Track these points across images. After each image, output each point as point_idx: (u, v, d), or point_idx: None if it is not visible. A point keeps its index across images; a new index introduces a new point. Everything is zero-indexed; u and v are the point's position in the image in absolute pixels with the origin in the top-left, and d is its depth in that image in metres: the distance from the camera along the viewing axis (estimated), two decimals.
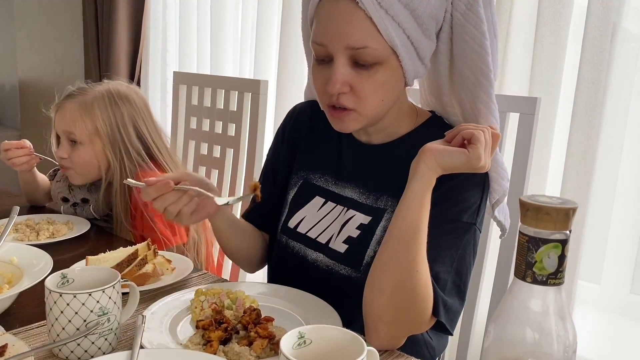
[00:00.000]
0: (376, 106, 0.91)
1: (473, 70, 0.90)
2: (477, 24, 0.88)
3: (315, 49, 0.90)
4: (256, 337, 0.80)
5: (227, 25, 2.26)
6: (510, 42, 1.47)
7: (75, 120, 1.41)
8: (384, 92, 0.90)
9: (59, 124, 1.45)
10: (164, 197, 0.91)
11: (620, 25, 1.30)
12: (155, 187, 0.91)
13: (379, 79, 0.88)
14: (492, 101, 0.91)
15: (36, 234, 1.29)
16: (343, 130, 0.94)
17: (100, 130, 1.41)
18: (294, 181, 1.09)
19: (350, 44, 0.86)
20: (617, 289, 1.49)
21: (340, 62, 0.87)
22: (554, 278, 0.54)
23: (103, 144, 1.42)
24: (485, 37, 0.88)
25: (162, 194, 0.91)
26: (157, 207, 0.92)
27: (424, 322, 0.86)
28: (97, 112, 1.41)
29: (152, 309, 0.91)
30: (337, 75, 0.87)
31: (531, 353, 0.55)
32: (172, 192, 0.91)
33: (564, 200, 0.54)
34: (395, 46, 0.86)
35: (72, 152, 1.43)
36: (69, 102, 1.44)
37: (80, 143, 1.42)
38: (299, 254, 1.04)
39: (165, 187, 0.90)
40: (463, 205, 0.90)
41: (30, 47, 3.53)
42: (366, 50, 0.86)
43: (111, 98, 1.43)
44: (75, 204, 1.52)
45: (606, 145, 1.37)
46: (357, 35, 0.85)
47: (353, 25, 0.85)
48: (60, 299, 0.77)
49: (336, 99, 0.90)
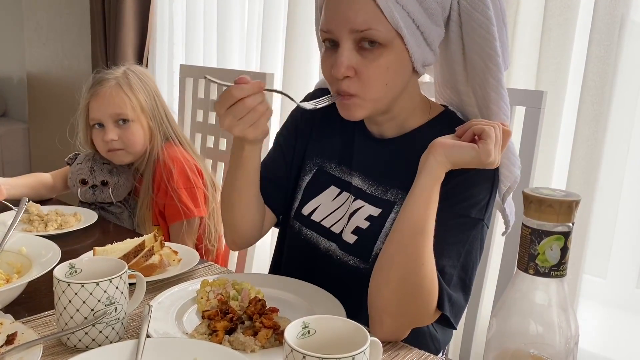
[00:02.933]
0: (380, 90, 0.90)
1: (481, 56, 0.90)
2: (483, 10, 0.88)
3: (322, 36, 0.91)
4: (261, 327, 0.81)
5: (234, 18, 2.26)
6: (517, 35, 1.47)
7: (123, 98, 1.47)
8: (389, 75, 0.90)
9: (101, 109, 1.49)
10: (255, 96, 0.86)
11: (629, 17, 1.29)
12: (251, 85, 0.86)
13: (384, 62, 0.88)
14: (502, 86, 0.91)
15: (44, 225, 1.31)
16: (349, 118, 0.94)
17: (144, 105, 1.49)
18: (309, 167, 1.08)
19: (354, 27, 0.86)
20: (623, 283, 1.48)
21: (345, 47, 0.88)
22: (557, 270, 0.54)
23: (147, 118, 1.50)
24: (492, 23, 0.89)
25: (254, 93, 0.86)
26: (249, 103, 0.86)
27: (428, 315, 0.86)
28: (136, 88, 1.49)
29: (159, 299, 0.92)
30: (342, 58, 0.88)
31: (533, 344, 0.55)
32: (261, 94, 0.87)
33: (567, 193, 0.54)
34: (400, 28, 0.86)
35: (122, 133, 1.49)
36: (105, 86, 1.49)
37: (131, 121, 1.48)
38: (312, 242, 1.05)
39: (259, 86, 0.87)
40: (472, 200, 0.90)
41: (38, 40, 3.55)
42: (370, 32, 0.86)
43: (138, 75, 1.52)
44: (94, 186, 1.54)
45: (613, 139, 1.36)
46: (360, 17, 0.86)
47: (357, 8, 0.86)
48: (68, 288, 0.78)
49: (340, 84, 0.90)
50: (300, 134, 1.11)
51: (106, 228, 1.39)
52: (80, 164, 1.58)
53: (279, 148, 1.13)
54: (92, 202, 1.57)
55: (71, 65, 3.33)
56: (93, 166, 1.56)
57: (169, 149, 1.52)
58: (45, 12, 3.45)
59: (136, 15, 2.60)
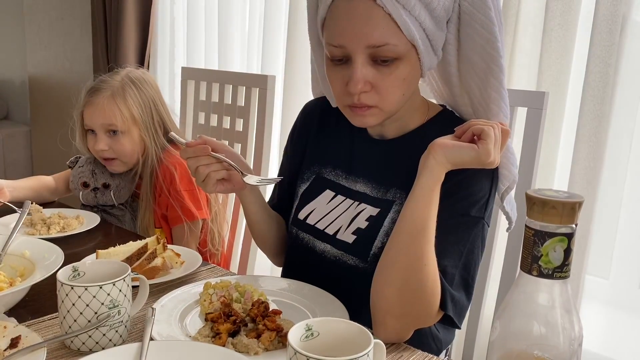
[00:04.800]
0: (397, 101, 0.91)
1: (483, 57, 0.90)
2: (486, 12, 0.88)
3: (332, 50, 0.89)
4: (264, 330, 0.81)
5: (235, 20, 2.26)
6: (519, 36, 1.47)
7: (113, 110, 1.46)
8: (405, 86, 0.90)
9: (93, 118, 1.49)
10: (199, 158, 0.98)
11: (630, 17, 1.29)
12: (194, 149, 0.98)
13: (400, 74, 0.88)
14: (503, 87, 0.91)
15: (47, 228, 1.31)
16: (363, 126, 0.95)
17: (136, 117, 1.49)
18: (307, 176, 1.10)
19: (371, 43, 0.85)
20: (625, 284, 1.48)
21: (360, 62, 0.87)
22: (560, 272, 0.54)
23: (140, 129, 1.49)
24: (494, 24, 0.89)
25: (197, 156, 0.98)
26: (190, 165, 0.99)
27: (431, 316, 0.86)
28: (129, 99, 1.48)
29: (162, 302, 0.92)
30: (358, 75, 0.87)
31: (537, 345, 0.55)
32: (207, 157, 0.98)
33: (570, 194, 0.54)
34: (415, 40, 0.86)
35: (113, 143, 1.49)
36: (99, 96, 1.48)
37: (121, 132, 1.48)
38: (308, 245, 1.05)
39: (202, 150, 0.97)
40: (471, 199, 0.90)
41: (39, 43, 3.56)
42: (387, 47, 0.86)
43: (135, 83, 1.51)
44: (96, 189, 1.55)
45: (615, 140, 1.36)
46: (377, 33, 0.85)
47: (372, 23, 0.85)
48: (71, 291, 0.78)
49: (357, 98, 0.89)
50: (299, 143, 1.15)
51: (108, 231, 1.39)
52: (82, 167, 1.59)
53: (287, 161, 1.18)
54: (94, 204, 1.58)
55: (72, 67, 3.33)
56: (94, 169, 1.56)
57: (168, 155, 1.52)
58: (46, 14, 3.45)
59: (137, 17, 2.61)
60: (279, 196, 1.19)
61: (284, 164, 1.20)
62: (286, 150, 1.20)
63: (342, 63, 0.90)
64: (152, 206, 1.52)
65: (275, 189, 1.21)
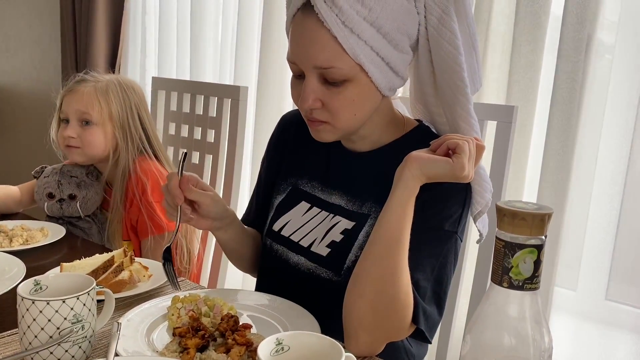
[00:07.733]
0: (348, 119, 0.92)
1: (450, 87, 0.91)
2: (451, 40, 0.89)
3: (289, 65, 0.93)
4: (234, 344, 0.80)
5: (207, 30, 2.25)
6: (488, 51, 1.49)
7: (92, 101, 1.49)
8: (355, 107, 0.91)
9: (72, 105, 1.50)
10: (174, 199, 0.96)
11: (595, 36, 1.33)
12: (175, 192, 0.95)
13: (349, 95, 0.89)
14: (471, 116, 0.92)
15: (9, 241, 1.27)
16: (320, 140, 0.96)
17: (113, 114, 1.50)
18: (283, 187, 1.09)
19: (317, 64, 0.87)
20: (592, 295, 1.51)
21: (310, 80, 0.89)
22: (530, 283, 0.55)
23: (114, 127, 1.51)
24: (459, 53, 0.89)
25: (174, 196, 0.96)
26: (166, 198, 0.98)
27: (403, 329, 0.86)
28: (111, 97, 1.51)
29: (128, 316, 0.89)
30: (308, 92, 0.89)
31: (508, 357, 0.55)
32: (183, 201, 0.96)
33: (540, 206, 0.55)
34: (363, 63, 0.87)
35: (82, 132, 1.50)
36: (83, 85, 1.51)
37: (94, 124, 1.49)
38: (282, 257, 1.04)
39: (179, 198, 0.95)
40: (445, 213, 0.91)
41: (6, 51, 3.48)
42: (333, 70, 0.87)
43: (122, 86, 1.54)
44: (62, 200, 1.51)
45: (582, 153, 1.39)
46: (322, 56, 0.86)
47: (319, 45, 0.86)
48: (32, 306, 0.75)
49: (309, 113, 0.91)
50: (275, 155, 1.15)
51: (74, 243, 1.35)
52: (47, 177, 1.55)
53: (264, 172, 1.17)
54: (59, 216, 1.53)
55: (40, 77, 3.27)
56: (60, 179, 1.52)
57: (142, 163, 1.51)
58: (15, 22, 3.38)
59: (108, 26, 2.57)
60: (256, 213, 1.17)
61: (260, 174, 1.19)
62: (263, 161, 1.19)
63: (301, 78, 0.91)
64: (121, 214, 1.50)
65: (251, 203, 1.20)
